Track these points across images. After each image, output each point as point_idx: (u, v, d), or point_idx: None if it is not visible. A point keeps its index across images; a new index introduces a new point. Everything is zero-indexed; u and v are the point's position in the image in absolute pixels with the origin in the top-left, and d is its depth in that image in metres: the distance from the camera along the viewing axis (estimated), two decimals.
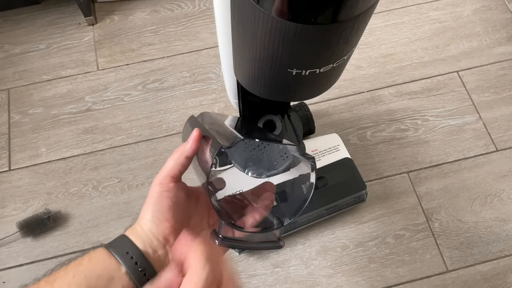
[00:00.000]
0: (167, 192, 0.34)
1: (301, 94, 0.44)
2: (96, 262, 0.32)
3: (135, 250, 0.33)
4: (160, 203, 0.34)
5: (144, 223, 0.34)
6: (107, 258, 0.32)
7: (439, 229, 0.79)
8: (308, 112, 0.79)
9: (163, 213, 0.34)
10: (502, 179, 0.84)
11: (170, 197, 0.34)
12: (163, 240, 0.34)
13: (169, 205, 0.34)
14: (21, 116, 0.90)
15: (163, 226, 0.34)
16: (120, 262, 0.32)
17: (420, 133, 0.88)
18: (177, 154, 0.35)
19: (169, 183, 0.35)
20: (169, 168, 0.35)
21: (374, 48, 0.98)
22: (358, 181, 0.74)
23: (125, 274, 0.31)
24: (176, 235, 0.34)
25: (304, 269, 0.76)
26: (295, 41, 0.31)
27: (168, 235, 0.34)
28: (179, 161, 0.35)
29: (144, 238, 0.34)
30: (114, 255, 0.32)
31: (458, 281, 0.76)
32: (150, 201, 0.34)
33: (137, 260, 0.32)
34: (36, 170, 0.85)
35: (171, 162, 0.35)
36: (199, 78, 0.95)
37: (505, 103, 0.91)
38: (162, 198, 0.34)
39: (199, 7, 1.03)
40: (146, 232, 0.34)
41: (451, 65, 0.95)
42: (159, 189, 0.34)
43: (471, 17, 1.01)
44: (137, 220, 0.35)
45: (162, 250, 0.34)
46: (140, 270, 0.32)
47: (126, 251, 0.33)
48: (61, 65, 0.96)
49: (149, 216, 0.34)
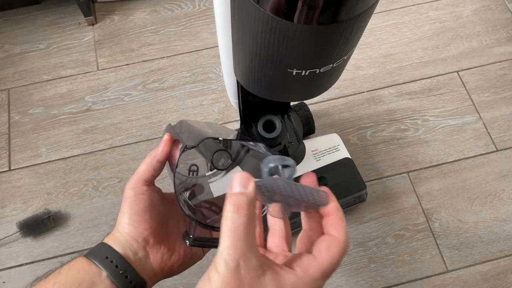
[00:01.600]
0: (141, 195, 0.34)
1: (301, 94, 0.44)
2: (76, 270, 0.31)
3: (114, 254, 0.33)
4: (136, 205, 0.34)
5: (122, 227, 0.34)
6: (87, 265, 0.32)
7: (439, 229, 0.79)
8: (308, 112, 0.79)
9: (140, 215, 0.34)
10: (502, 179, 0.84)
11: (145, 199, 0.34)
12: (142, 242, 0.34)
13: (145, 207, 0.34)
14: (21, 116, 0.90)
15: (142, 228, 0.34)
16: (100, 267, 0.32)
17: (420, 133, 0.88)
18: (149, 158, 0.36)
19: (142, 186, 0.35)
20: (141, 172, 0.35)
21: (374, 48, 0.98)
22: (358, 181, 0.74)
23: (107, 278, 0.31)
24: (155, 236, 0.34)
25: None
26: (295, 41, 0.31)
27: (147, 236, 0.34)
28: (151, 165, 0.35)
29: (123, 242, 0.34)
30: (94, 261, 0.32)
31: (458, 281, 0.76)
32: (125, 205, 0.34)
33: (118, 264, 0.32)
34: (36, 170, 0.85)
35: (143, 166, 0.35)
36: (199, 78, 0.95)
37: (505, 103, 0.91)
38: (137, 201, 0.34)
39: (199, 7, 1.03)
40: (125, 236, 0.34)
41: (451, 65, 0.95)
42: (133, 192, 0.34)
43: (471, 17, 1.01)
44: (115, 226, 0.35)
45: (143, 252, 0.34)
46: (121, 272, 0.32)
47: (106, 256, 0.32)
48: (61, 65, 0.96)
49: (126, 219, 0.34)
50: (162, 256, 0.35)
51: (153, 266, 0.34)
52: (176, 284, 0.76)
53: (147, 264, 0.34)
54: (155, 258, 0.35)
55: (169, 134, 0.36)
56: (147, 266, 0.34)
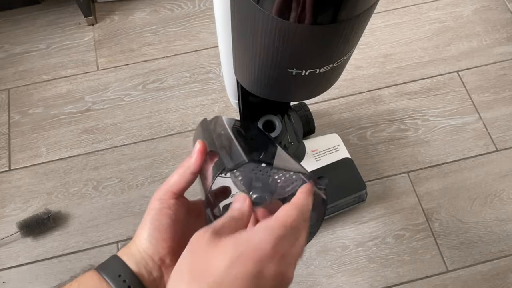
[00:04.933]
0: (166, 209, 0.32)
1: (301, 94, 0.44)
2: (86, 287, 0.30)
3: (128, 273, 0.31)
4: (158, 220, 0.32)
5: (140, 242, 0.32)
6: (98, 282, 0.30)
7: (439, 229, 0.79)
8: (308, 112, 0.79)
9: (161, 232, 0.32)
10: (502, 179, 0.84)
11: (169, 215, 0.32)
12: (158, 261, 0.32)
13: (168, 224, 0.32)
14: (21, 116, 0.90)
15: (160, 247, 0.32)
16: (112, 285, 0.30)
17: (420, 133, 0.88)
18: (182, 169, 0.33)
19: (169, 199, 0.32)
20: (172, 183, 0.33)
21: (374, 48, 0.98)
22: (358, 181, 0.74)
23: None
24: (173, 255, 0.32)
25: (304, 269, 0.76)
26: (295, 41, 0.31)
27: (164, 256, 0.32)
28: (183, 177, 0.33)
29: (138, 258, 0.32)
30: (106, 278, 0.30)
31: (458, 281, 0.76)
32: (147, 218, 0.32)
33: (130, 284, 0.30)
34: (36, 170, 0.85)
35: (175, 177, 0.33)
36: (199, 78, 0.95)
37: (505, 103, 0.91)
38: (161, 215, 0.32)
39: (199, 7, 1.03)
40: (141, 252, 0.32)
41: (451, 65, 0.95)
42: (159, 205, 0.32)
43: (471, 17, 1.01)
44: (133, 237, 0.33)
45: (158, 272, 0.32)
46: None
47: (118, 274, 0.30)
48: (61, 65, 0.96)
49: (145, 234, 0.32)
50: None
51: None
52: None
53: (161, 286, 0.32)
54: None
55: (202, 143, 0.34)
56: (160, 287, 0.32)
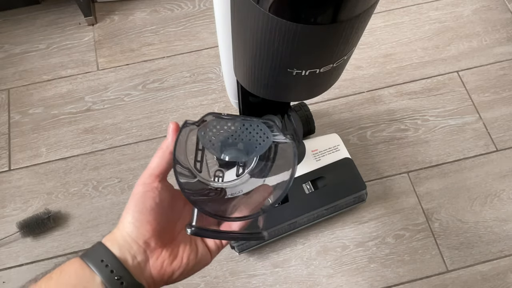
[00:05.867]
0: (150, 192, 0.32)
1: (301, 94, 0.44)
2: (68, 274, 0.30)
3: (110, 258, 0.31)
4: (142, 203, 0.32)
5: (123, 226, 0.32)
6: (80, 268, 0.30)
7: (439, 229, 0.79)
8: (308, 112, 0.79)
9: (145, 215, 0.32)
10: (502, 179, 0.84)
11: (153, 198, 0.32)
12: (143, 245, 0.32)
13: (152, 207, 0.32)
14: (21, 116, 0.90)
15: (144, 229, 0.32)
16: (95, 271, 0.30)
17: (420, 133, 0.88)
18: (161, 152, 0.33)
19: (153, 182, 0.32)
20: (153, 166, 0.33)
21: (374, 48, 0.98)
22: (358, 181, 0.74)
23: (101, 284, 0.29)
24: (158, 239, 0.32)
25: (304, 269, 0.76)
26: (295, 41, 0.31)
27: (149, 239, 0.32)
28: (163, 158, 0.33)
29: (122, 243, 0.32)
30: (88, 264, 0.30)
31: (458, 281, 0.76)
32: (132, 202, 0.32)
33: (113, 268, 0.30)
34: (36, 170, 0.85)
35: (155, 160, 0.33)
36: (199, 78, 0.95)
37: (505, 103, 0.91)
38: (144, 198, 0.32)
39: (199, 7, 1.03)
40: (125, 236, 0.32)
41: (451, 65, 0.95)
42: (142, 189, 0.32)
43: (471, 17, 1.01)
44: (118, 223, 0.33)
45: (142, 256, 0.32)
46: (116, 278, 0.30)
47: (101, 259, 0.30)
48: (61, 65, 0.96)
49: (129, 218, 0.32)
50: (163, 262, 0.33)
51: (152, 272, 0.33)
52: (176, 284, 0.75)
53: (145, 270, 0.32)
54: (155, 263, 0.33)
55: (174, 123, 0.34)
56: (145, 272, 0.32)
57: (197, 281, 0.76)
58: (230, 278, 0.76)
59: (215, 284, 0.75)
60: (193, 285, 0.75)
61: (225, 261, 0.77)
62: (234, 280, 0.76)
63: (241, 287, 0.75)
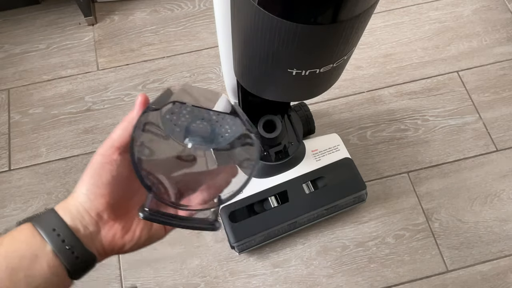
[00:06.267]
0: (108, 165, 0.31)
1: (301, 94, 0.45)
2: (19, 241, 0.30)
3: (62, 227, 0.30)
4: (98, 175, 0.31)
5: (77, 195, 0.32)
6: (31, 236, 0.30)
7: (439, 229, 0.79)
8: (308, 112, 0.79)
9: (100, 188, 0.31)
10: (502, 179, 0.84)
11: (110, 171, 0.31)
12: (96, 216, 0.31)
13: (108, 180, 0.31)
14: (21, 116, 0.90)
15: (98, 202, 0.31)
16: (46, 239, 0.29)
17: (420, 133, 0.88)
18: (124, 123, 0.32)
19: (112, 154, 0.31)
20: (115, 138, 0.32)
21: (374, 48, 0.98)
22: (358, 181, 0.74)
23: (51, 252, 0.29)
24: (111, 212, 0.32)
25: (304, 269, 0.76)
26: (295, 41, 0.31)
27: (102, 212, 0.31)
28: (126, 130, 0.32)
29: (74, 213, 0.31)
30: (39, 231, 0.30)
31: (458, 281, 0.76)
32: (88, 173, 0.31)
33: (64, 238, 0.30)
34: (36, 170, 0.85)
35: (118, 131, 0.32)
36: (199, 78, 0.95)
37: (505, 103, 0.91)
38: (101, 170, 0.31)
39: (199, 7, 1.03)
40: (78, 207, 0.31)
41: (451, 65, 0.95)
42: (100, 160, 0.31)
43: (471, 17, 1.01)
44: (72, 192, 0.32)
45: (94, 227, 0.31)
46: (67, 248, 0.29)
47: (53, 228, 0.30)
48: (61, 65, 0.96)
49: (84, 189, 0.31)
50: (114, 234, 0.32)
51: (103, 243, 0.32)
52: (176, 284, 0.75)
53: (96, 240, 0.32)
54: (107, 235, 0.32)
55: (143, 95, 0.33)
56: (96, 242, 0.32)
57: (197, 281, 0.76)
58: (230, 278, 0.76)
59: (215, 284, 0.75)
60: (193, 285, 0.75)
61: (225, 261, 0.77)
62: (234, 280, 0.76)
63: (241, 287, 0.75)
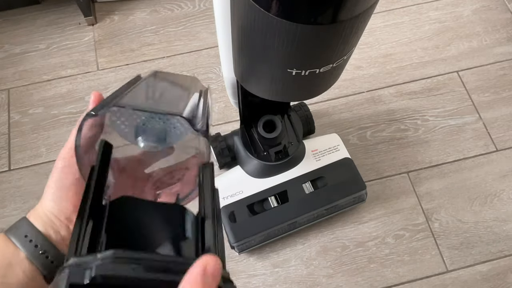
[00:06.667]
0: (69, 168, 0.31)
1: (301, 94, 0.45)
2: None
3: (34, 233, 0.30)
4: (61, 180, 0.31)
5: (44, 202, 0.32)
6: (4, 244, 0.30)
7: (439, 229, 0.79)
8: (308, 112, 0.79)
9: (64, 192, 0.31)
10: (502, 179, 0.84)
11: (72, 173, 0.31)
12: (65, 220, 0.32)
13: (71, 182, 0.31)
14: (21, 116, 0.90)
15: (64, 206, 0.31)
16: (18, 246, 0.30)
17: (420, 133, 0.88)
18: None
19: (71, 157, 0.30)
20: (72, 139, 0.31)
21: (374, 48, 0.98)
22: (358, 181, 0.74)
23: (25, 259, 0.29)
24: None
25: (304, 269, 0.76)
26: (295, 41, 0.31)
27: (70, 215, 0.32)
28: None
29: (45, 219, 0.32)
30: (12, 239, 0.30)
31: (458, 281, 0.76)
32: (52, 178, 0.31)
33: (37, 243, 0.30)
34: (36, 170, 0.85)
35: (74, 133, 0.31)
36: (199, 78, 0.94)
37: (505, 103, 0.91)
38: (63, 174, 0.31)
39: (199, 7, 1.03)
40: (47, 213, 0.32)
41: (451, 65, 0.95)
42: (61, 164, 0.31)
43: (471, 17, 1.01)
44: (41, 198, 0.33)
45: (65, 231, 0.32)
46: (41, 253, 0.30)
47: (25, 234, 0.30)
48: (61, 65, 0.96)
49: (49, 195, 0.32)
50: None
51: None
52: None
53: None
54: None
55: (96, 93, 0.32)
56: None
57: None
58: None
59: None
60: None
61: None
62: (234, 280, 0.75)
63: (241, 287, 0.75)
